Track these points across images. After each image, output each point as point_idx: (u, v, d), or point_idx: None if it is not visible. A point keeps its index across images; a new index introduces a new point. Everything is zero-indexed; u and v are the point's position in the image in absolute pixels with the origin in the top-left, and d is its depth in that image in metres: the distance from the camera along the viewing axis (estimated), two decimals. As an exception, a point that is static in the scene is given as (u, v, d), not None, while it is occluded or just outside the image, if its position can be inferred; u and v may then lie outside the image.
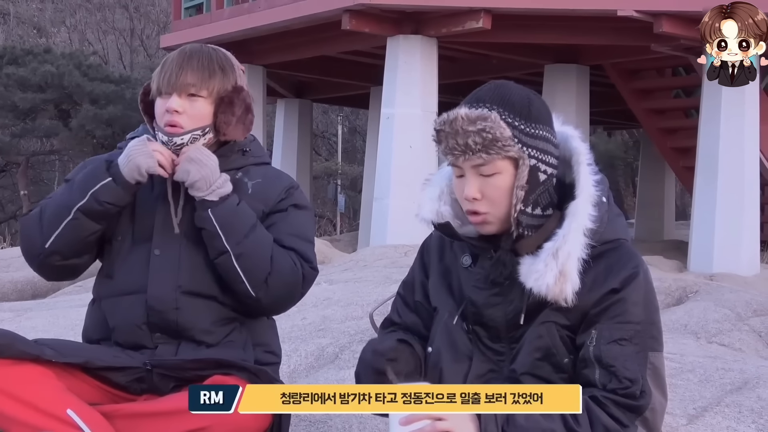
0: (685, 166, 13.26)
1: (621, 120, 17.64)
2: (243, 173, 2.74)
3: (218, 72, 2.65)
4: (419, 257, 2.47)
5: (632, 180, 26.09)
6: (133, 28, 32.21)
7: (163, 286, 2.64)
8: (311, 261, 2.75)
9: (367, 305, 5.31)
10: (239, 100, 2.67)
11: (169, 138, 2.63)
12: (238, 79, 2.70)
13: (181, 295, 2.64)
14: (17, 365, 2.43)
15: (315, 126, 24.17)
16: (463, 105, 2.20)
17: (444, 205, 2.31)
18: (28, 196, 23.69)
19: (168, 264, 2.65)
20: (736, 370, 4.02)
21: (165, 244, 2.67)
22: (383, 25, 10.79)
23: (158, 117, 2.66)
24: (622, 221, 2.31)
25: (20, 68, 21.87)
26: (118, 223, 2.70)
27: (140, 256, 2.68)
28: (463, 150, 2.16)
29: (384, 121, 11.10)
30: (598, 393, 2.14)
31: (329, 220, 27.07)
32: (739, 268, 9.90)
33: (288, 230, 2.72)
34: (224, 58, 2.70)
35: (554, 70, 12.54)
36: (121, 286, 2.68)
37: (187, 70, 2.62)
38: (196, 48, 2.70)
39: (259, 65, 13.16)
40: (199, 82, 2.62)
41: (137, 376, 2.60)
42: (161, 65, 2.67)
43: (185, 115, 2.62)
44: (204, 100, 2.64)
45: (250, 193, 2.71)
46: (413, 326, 2.41)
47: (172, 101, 2.61)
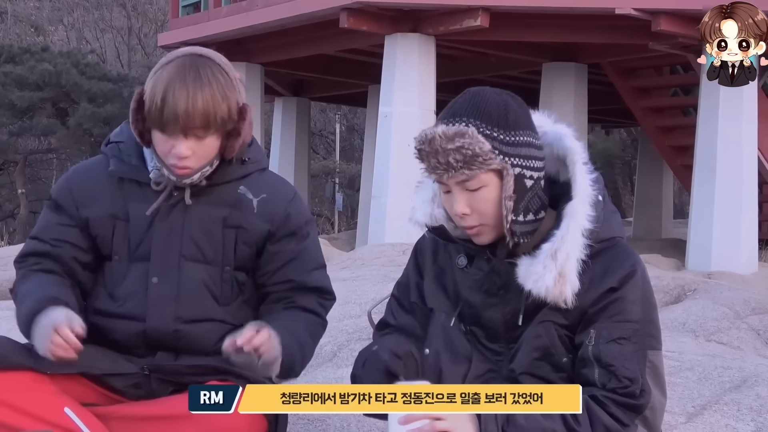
0: (683, 165, 13.26)
1: (619, 118, 17.63)
2: (245, 186, 2.65)
3: (223, 103, 2.47)
4: (413, 258, 2.46)
5: (630, 178, 26.11)
6: (130, 27, 32.19)
7: (161, 318, 2.58)
8: (330, 292, 2.79)
9: (365, 303, 5.31)
10: (245, 124, 2.55)
11: (178, 179, 2.54)
12: (240, 97, 2.54)
13: (182, 324, 2.59)
14: (8, 372, 2.39)
15: (313, 124, 24.17)
16: (440, 122, 2.18)
17: (437, 207, 2.30)
18: (25, 194, 23.71)
19: (167, 293, 2.58)
20: (735, 368, 4.02)
21: (163, 271, 2.58)
22: (381, 24, 10.78)
23: (161, 153, 2.52)
24: (618, 219, 2.31)
25: (18, 66, 21.89)
26: (113, 242, 2.62)
27: (138, 280, 2.59)
28: (445, 168, 2.14)
29: (382, 119, 11.09)
30: (598, 392, 2.13)
31: (327, 219, 27.09)
32: (738, 267, 9.90)
33: (308, 266, 2.72)
34: (225, 81, 2.50)
35: (552, 69, 12.54)
36: (120, 310, 2.60)
37: (194, 113, 2.43)
38: (195, 75, 2.46)
39: (257, 63, 13.15)
40: (207, 123, 2.46)
41: (135, 381, 2.56)
42: (162, 92, 2.45)
43: (194, 156, 2.50)
44: (212, 137, 2.50)
45: (255, 213, 2.64)
46: (409, 327, 2.40)
47: (180, 147, 2.47)
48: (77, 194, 2.64)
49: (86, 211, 2.62)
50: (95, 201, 2.62)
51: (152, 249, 2.58)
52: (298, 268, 2.69)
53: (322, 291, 2.75)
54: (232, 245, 2.62)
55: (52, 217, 2.66)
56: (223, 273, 2.62)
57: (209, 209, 2.61)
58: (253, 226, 2.63)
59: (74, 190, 2.64)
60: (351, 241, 14.04)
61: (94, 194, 2.63)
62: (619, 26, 10.53)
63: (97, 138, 21.68)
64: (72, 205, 2.63)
